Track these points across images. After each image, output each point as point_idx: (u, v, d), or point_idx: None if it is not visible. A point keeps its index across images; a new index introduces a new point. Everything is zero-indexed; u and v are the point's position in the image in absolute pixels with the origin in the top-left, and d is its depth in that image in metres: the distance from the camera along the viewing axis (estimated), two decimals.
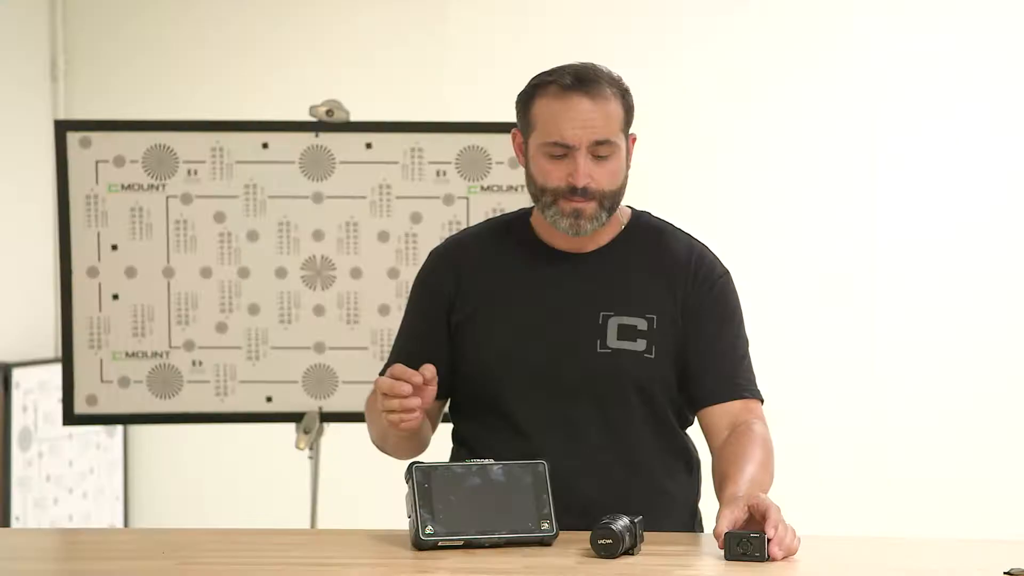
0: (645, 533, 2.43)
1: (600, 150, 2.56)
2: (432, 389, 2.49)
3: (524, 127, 2.63)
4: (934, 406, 4.95)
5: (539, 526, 2.40)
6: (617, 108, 2.58)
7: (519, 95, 2.63)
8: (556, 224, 2.60)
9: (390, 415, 2.47)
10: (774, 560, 2.29)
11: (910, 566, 2.34)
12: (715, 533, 2.34)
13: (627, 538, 2.33)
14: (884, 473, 4.96)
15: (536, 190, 2.61)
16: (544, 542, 2.41)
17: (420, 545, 2.37)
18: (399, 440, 2.62)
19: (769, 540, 2.30)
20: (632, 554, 2.35)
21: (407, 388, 2.45)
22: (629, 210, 2.73)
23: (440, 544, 2.37)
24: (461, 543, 2.38)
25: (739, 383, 2.65)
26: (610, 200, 2.59)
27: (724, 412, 2.63)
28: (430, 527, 2.37)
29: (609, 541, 2.32)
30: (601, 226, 2.61)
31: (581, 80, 2.56)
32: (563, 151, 2.56)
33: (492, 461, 2.44)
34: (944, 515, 4.87)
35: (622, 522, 2.34)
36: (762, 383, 2.72)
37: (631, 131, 2.64)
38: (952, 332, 4.96)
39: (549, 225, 2.65)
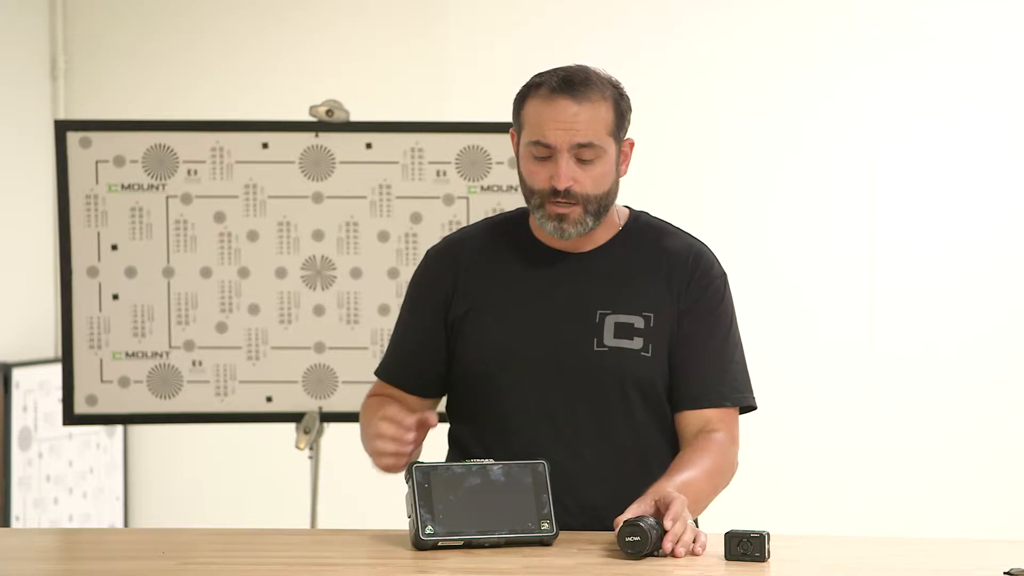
0: None
1: (584, 153, 2.54)
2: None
3: (517, 127, 2.63)
4: (933, 404, 4.95)
5: (539, 526, 2.40)
6: (606, 112, 2.56)
7: (516, 95, 2.63)
8: (543, 226, 2.60)
9: (383, 458, 2.52)
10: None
11: (910, 566, 2.33)
12: (613, 523, 2.33)
13: (653, 536, 2.28)
14: (883, 472, 4.96)
15: (526, 191, 2.62)
16: (544, 542, 2.40)
17: (420, 545, 2.37)
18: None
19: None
20: (656, 555, 2.30)
21: (409, 436, 2.49)
22: (627, 210, 2.72)
23: (440, 544, 2.37)
24: (461, 543, 2.38)
25: (720, 391, 2.62)
26: (595, 204, 2.58)
27: (697, 419, 2.62)
28: (430, 527, 2.37)
29: (637, 539, 2.28)
30: (588, 230, 2.60)
31: (568, 83, 2.54)
32: (546, 152, 2.55)
33: (492, 461, 2.44)
34: (943, 515, 4.87)
35: (649, 521, 2.30)
36: (760, 385, 2.71)
37: (629, 136, 2.63)
38: (950, 332, 4.96)
39: None
